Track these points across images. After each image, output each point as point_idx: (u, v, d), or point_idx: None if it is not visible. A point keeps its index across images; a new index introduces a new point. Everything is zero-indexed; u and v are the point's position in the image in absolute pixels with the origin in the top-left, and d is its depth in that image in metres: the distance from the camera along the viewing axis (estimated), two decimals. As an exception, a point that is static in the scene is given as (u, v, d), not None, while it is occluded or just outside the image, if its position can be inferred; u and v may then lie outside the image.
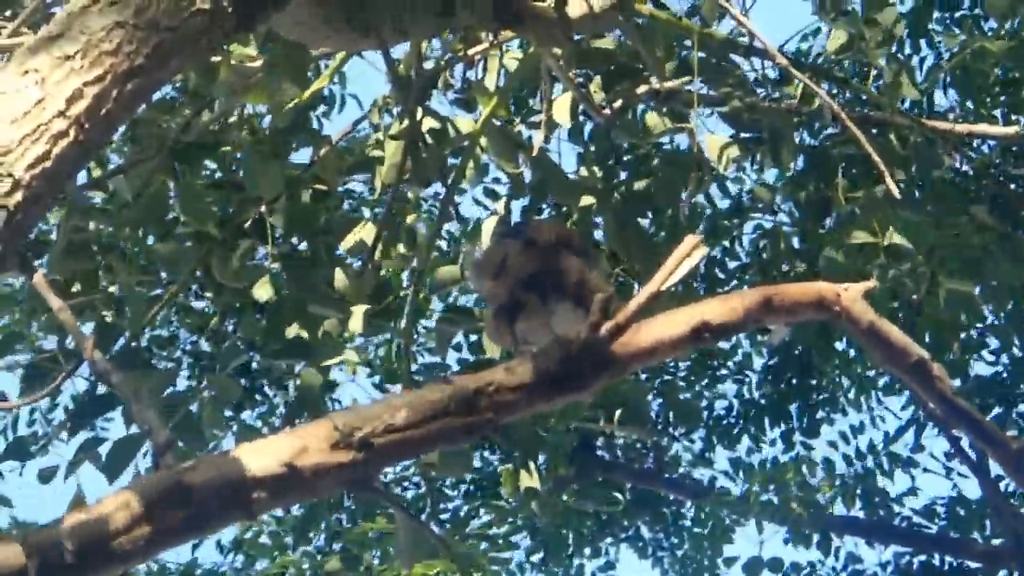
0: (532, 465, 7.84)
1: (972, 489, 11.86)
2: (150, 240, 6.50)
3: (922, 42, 9.57)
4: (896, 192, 5.94)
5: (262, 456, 3.33)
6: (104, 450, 5.53)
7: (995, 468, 10.94)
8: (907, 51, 9.45)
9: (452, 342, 7.31)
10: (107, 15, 3.62)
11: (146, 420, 3.44)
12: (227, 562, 11.47)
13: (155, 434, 3.36)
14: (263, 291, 6.09)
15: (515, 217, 7.08)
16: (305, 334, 6.28)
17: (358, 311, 6.27)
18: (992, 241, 7.57)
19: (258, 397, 9.19)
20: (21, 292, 6.23)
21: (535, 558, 11.74)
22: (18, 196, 3.37)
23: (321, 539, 10.95)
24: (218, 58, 5.71)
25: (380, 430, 3.36)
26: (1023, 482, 4.48)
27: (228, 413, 7.95)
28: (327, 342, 6.23)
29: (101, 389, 5.73)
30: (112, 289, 6.03)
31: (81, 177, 6.32)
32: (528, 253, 4.08)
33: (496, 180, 8.53)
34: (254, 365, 7.43)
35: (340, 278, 6.22)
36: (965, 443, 11.19)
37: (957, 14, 9.57)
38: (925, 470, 11.93)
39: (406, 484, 10.78)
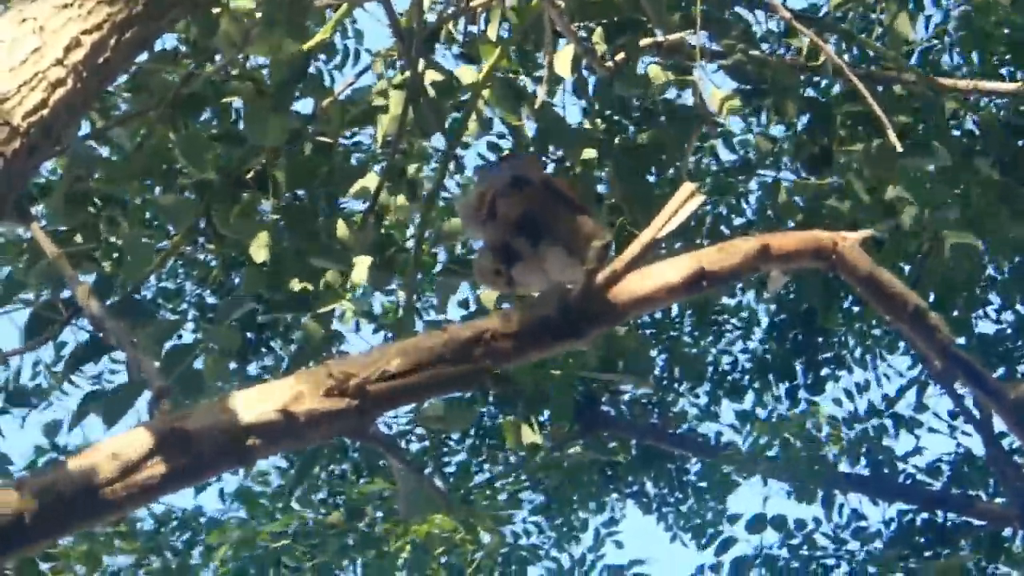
0: (534, 420, 7.85)
1: (977, 447, 11.86)
2: (153, 192, 6.49)
3: (927, -1, 9.54)
4: (898, 144, 5.92)
5: (257, 402, 3.33)
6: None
7: (999, 425, 10.93)
8: (911, 6, 9.41)
9: (455, 296, 7.31)
10: (106, -37, 3.61)
11: (143, 367, 3.45)
12: (230, 509, 11.50)
13: (152, 381, 3.37)
14: (260, 252, 6.07)
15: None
16: (308, 286, 6.28)
17: (361, 262, 6.27)
18: (994, 195, 7.55)
19: (263, 349, 9.19)
20: (22, 243, 6.24)
21: (539, 517, 11.76)
22: (15, 144, 3.38)
23: (323, 493, 10.97)
24: (218, 10, 5.70)
25: (374, 377, 3.36)
26: (1021, 432, 4.48)
27: (233, 366, 7.96)
28: (328, 294, 6.23)
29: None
30: (113, 240, 6.03)
31: (84, 128, 6.33)
32: (516, 193, 4.02)
33: (501, 136, 8.50)
34: (260, 318, 7.42)
35: (342, 229, 6.21)
36: (969, 401, 11.17)
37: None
38: (930, 430, 11.91)
39: (410, 438, 10.78)
